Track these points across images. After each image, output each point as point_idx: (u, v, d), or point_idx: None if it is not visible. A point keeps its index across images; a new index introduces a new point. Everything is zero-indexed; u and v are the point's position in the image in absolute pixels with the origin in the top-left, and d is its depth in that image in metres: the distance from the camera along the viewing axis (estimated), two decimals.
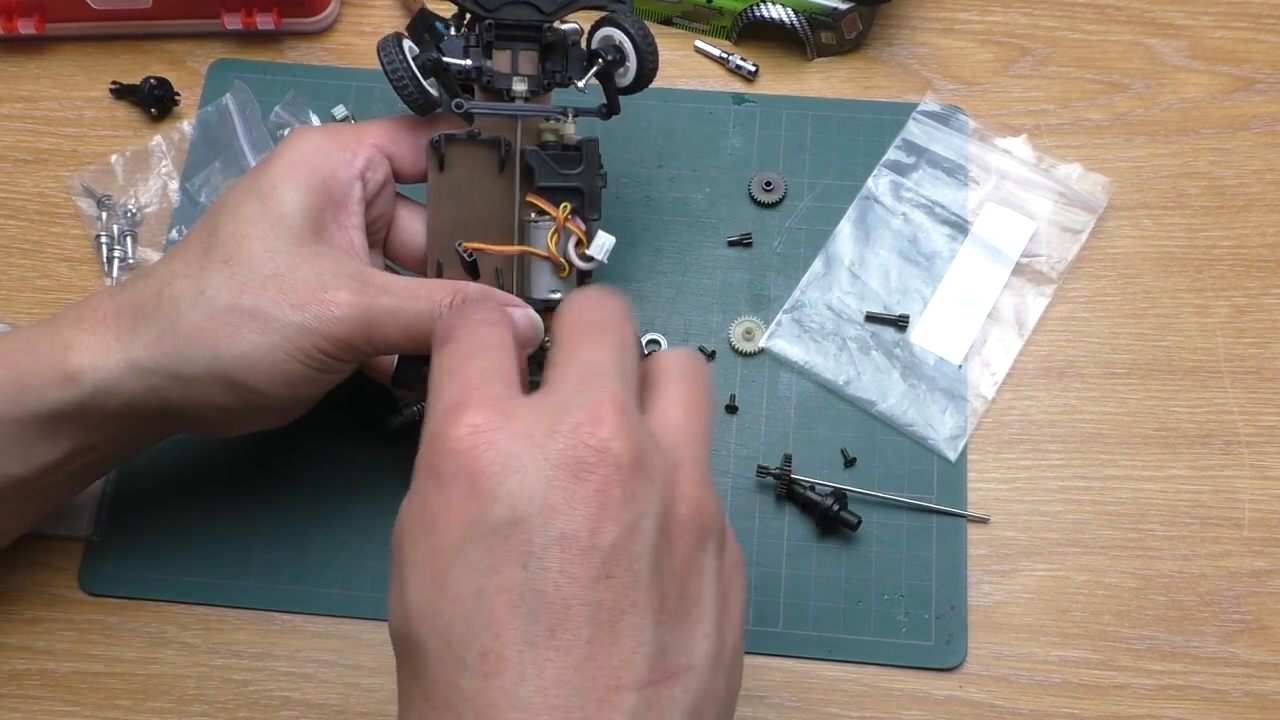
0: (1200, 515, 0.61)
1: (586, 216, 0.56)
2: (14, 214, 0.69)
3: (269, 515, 0.62)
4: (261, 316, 0.50)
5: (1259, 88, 0.71)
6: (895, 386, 0.64)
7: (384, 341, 0.51)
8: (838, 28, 0.70)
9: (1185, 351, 0.65)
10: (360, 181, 0.54)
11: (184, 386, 0.51)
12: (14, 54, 0.73)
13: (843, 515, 0.60)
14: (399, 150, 0.56)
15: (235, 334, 0.50)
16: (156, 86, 0.70)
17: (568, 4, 0.56)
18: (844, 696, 0.58)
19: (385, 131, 0.56)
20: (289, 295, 0.50)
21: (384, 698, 0.59)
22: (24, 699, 0.59)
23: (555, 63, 0.57)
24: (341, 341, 0.50)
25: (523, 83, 0.56)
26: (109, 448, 0.54)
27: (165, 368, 0.50)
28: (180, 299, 0.50)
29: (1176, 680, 0.58)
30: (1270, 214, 0.68)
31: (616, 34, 0.57)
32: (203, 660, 0.59)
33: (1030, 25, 0.73)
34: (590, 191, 0.56)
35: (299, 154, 0.53)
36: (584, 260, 0.55)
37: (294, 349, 0.50)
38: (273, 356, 0.50)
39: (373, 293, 0.51)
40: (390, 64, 0.54)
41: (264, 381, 0.50)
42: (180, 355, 0.50)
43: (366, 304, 0.50)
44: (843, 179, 0.69)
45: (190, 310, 0.50)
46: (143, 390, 0.51)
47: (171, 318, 0.50)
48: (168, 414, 0.52)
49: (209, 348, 0.50)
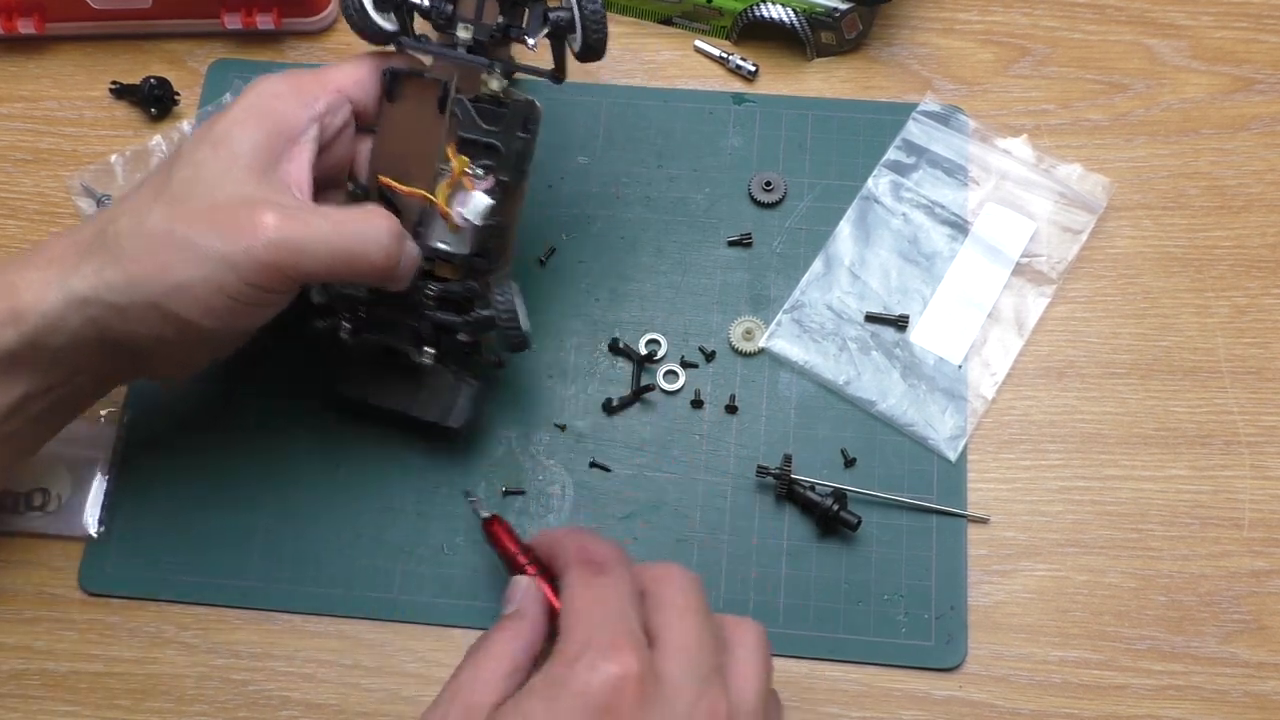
0: (1200, 515, 0.61)
1: (499, 176, 0.55)
2: (14, 214, 0.69)
3: (269, 515, 0.62)
4: (191, 247, 0.50)
5: (1259, 88, 0.71)
6: (895, 386, 0.64)
7: (314, 266, 0.51)
8: (838, 28, 0.70)
9: (1185, 351, 0.65)
10: (318, 124, 0.54)
11: (121, 317, 0.51)
12: (14, 54, 0.73)
13: (843, 515, 0.60)
14: (362, 93, 0.56)
15: (167, 265, 0.50)
16: (156, 86, 0.70)
17: None
18: (844, 696, 0.58)
19: (349, 74, 0.56)
20: (219, 225, 0.50)
21: (383, 698, 0.59)
22: (24, 699, 0.59)
23: (514, 19, 0.56)
24: (268, 267, 0.50)
25: (467, 30, 0.55)
26: (64, 390, 0.54)
27: (103, 298, 0.50)
28: (122, 234, 0.51)
29: (1176, 680, 0.58)
30: (1270, 214, 0.68)
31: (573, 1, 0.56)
32: (202, 660, 0.59)
33: (1030, 25, 0.73)
34: (508, 151, 0.55)
35: (256, 98, 0.54)
36: (462, 220, 0.55)
37: (222, 281, 0.50)
38: (202, 288, 0.50)
39: (303, 217, 0.51)
40: None
41: (195, 312, 0.50)
42: (115, 286, 0.50)
43: (294, 227, 0.50)
44: (843, 179, 0.69)
45: (129, 241, 0.50)
46: (83, 323, 0.51)
47: (113, 251, 0.51)
48: (111, 349, 0.52)
49: (143, 278, 0.50)
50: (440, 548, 0.61)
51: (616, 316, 0.66)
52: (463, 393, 0.59)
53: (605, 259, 0.67)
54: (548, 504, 0.62)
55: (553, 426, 0.63)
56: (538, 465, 0.63)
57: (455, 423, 0.59)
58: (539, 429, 0.63)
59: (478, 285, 0.57)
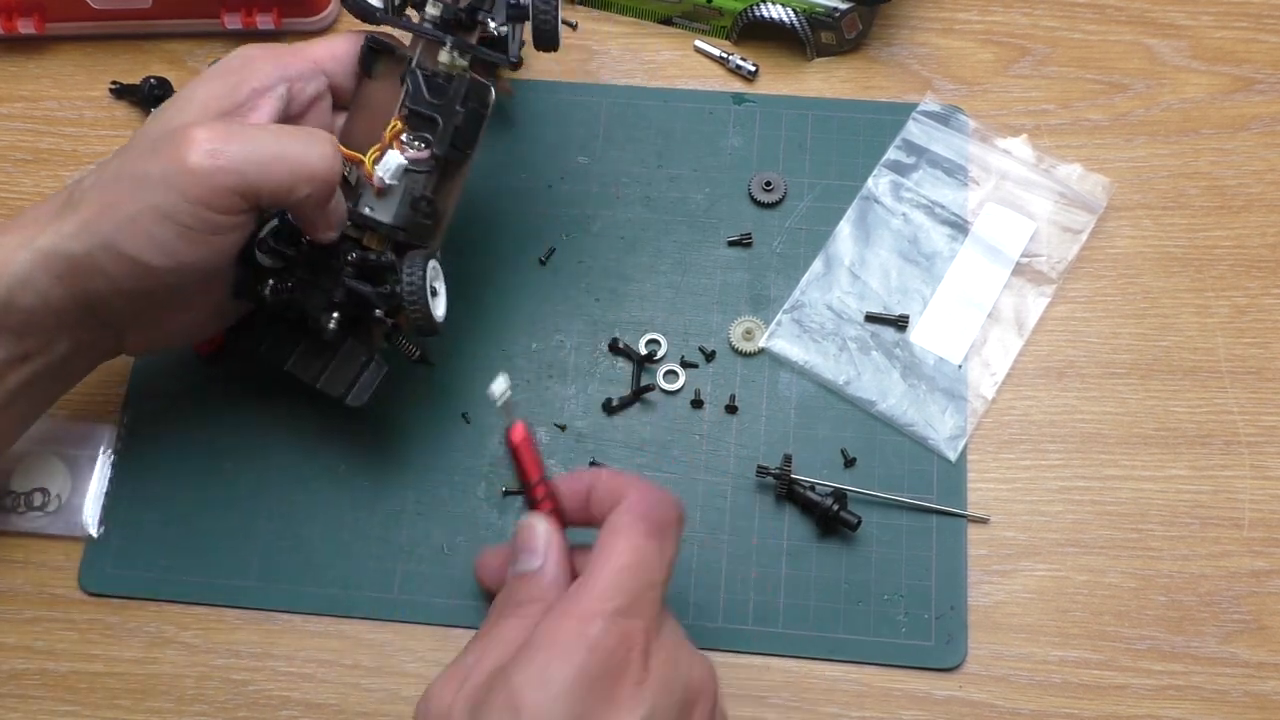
0: (1200, 515, 0.61)
1: (434, 150, 0.55)
2: (14, 214, 0.69)
3: (269, 515, 0.62)
4: (133, 178, 0.50)
5: (1259, 88, 0.71)
6: (895, 386, 0.64)
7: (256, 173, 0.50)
8: (838, 28, 0.70)
9: (1185, 351, 0.65)
10: (286, 85, 0.55)
11: (81, 268, 0.51)
12: (14, 54, 0.73)
13: (843, 515, 0.60)
14: (338, 67, 0.57)
15: (114, 201, 0.50)
16: (156, 86, 0.70)
17: None
18: (844, 696, 0.58)
19: (326, 49, 0.57)
20: (159, 150, 0.50)
21: (383, 698, 0.59)
22: (23, 699, 0.59)
23: (484, 3, 0.57)
24: (209, 182, 0.49)
25: (436, 7, 0.56)
26: (43, 360, 0.54)
27: (61, 249, 0.51)
28: (87, 188, 0.52)
29: (1176, 680, 0.58)
30: (1270, 214, 0.68)
31: None
32: (202, 660, 0.59)
33: (1030, 25, 0.73)
34: (446, 124, 0.55)
35: (228, 60, 0.55)
36: (378, 180, 0.55)
37: (165, 205, 0.49)
38: (149, 217, 0.50)
39: (241, 128, 0.51)
40: None
41: (147, 250, 0.50)
42: (74, 234, 0.51)
43: (231, 134, 0.50)
44: (843, 179, 0.69)
45: (91, 192, 0.51)
46: (50, 281, 0.51)
47: (76, 208, 0.51)
48: (81, 310, 0.52)
49: (94, 219, 0.50)
50: (440, 548, 0.61)
51: (616, 316, 0.66)
52: (366, 374, 0.58)
53: (605, 259, 0.67)
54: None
55: (553, 426, 0.63)
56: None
57: (355, 401, 0.58)
58: (539, 429, 0.63)
59: (395, 259, 0.56)
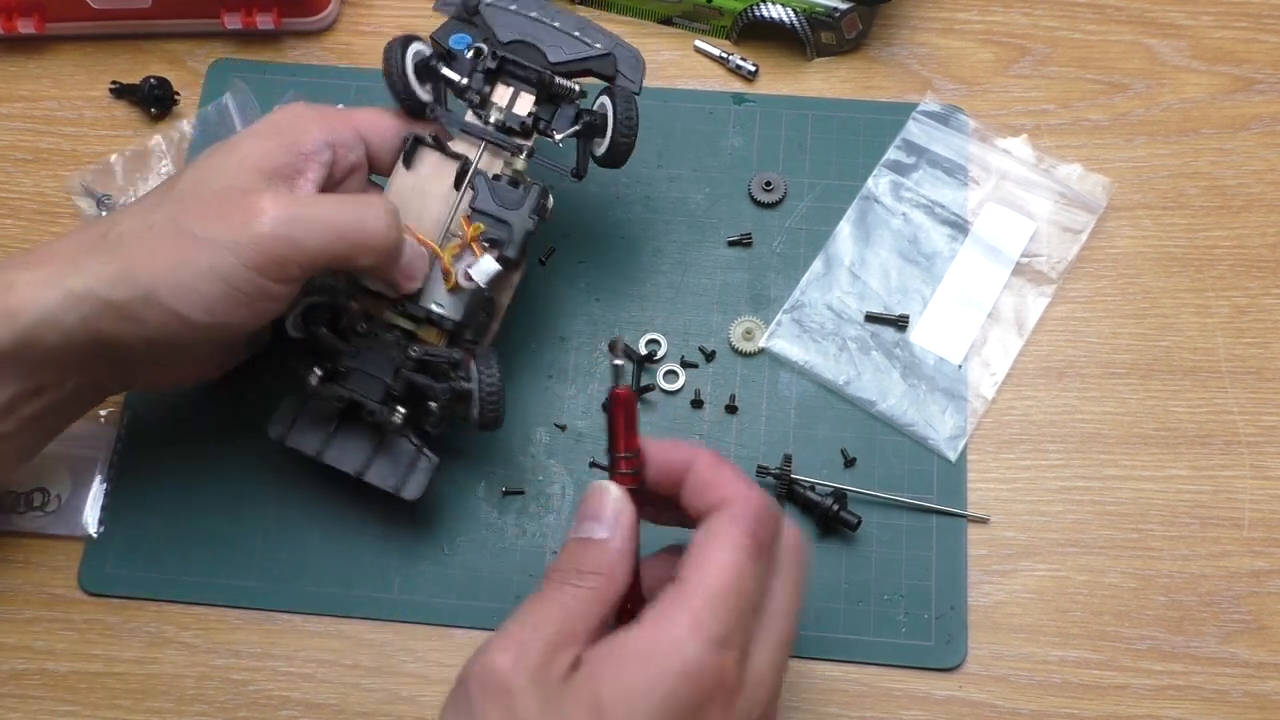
0: (1200, 515, 0.61)
1: (504, 253, 0.56)
2: (14, 213, 0.69)
3: (269, 515, 0.62)
4: (191, 236, 0.50)
5: (1259, 88, 0.71)
6: (895, 386, 0.64)
7: (314, 246, 0.51)
8: (838, 28, 0.70)
9: (1185, 351, 0.65)
10: (330, 148, 0.55)
11: (118, 317, 0.51)
12: (14, 54, 0.73)
13: (843, 515, 0.60)
14: (378, 139, 0.57)
15: (167, 255, 0.50)
16: (156, 86, 0.70)
17: (571, 63, 0.59)
18: (844, 696, 0.58)
19: (369, 119, 0.57)
20: (220, 212, 0.50)
21: (383, 698, 0.59)
22: (24, 699, 0.59)
23: (545, 113, 0.59)
24: (269, 251, 0.50)
25: (501, 114, 0.58)
26: (54, 394, 0.54)
27: (98, 294, 0.50)
28: (126, 234, 0.51)
29: (1176, 680, 0.58)
30: (1270, 214, 0.68)
31: (607, 104, 0.59)
32: (202, 660, 0.59)
33: (1030, 25, 0.73)
34: (516, 230, 0.56)
35: (278, 115, 0.55)
36: (465, 279, 0.56)
37: (221, 267, 0.50)
38: (200, 279, 0.50)
39: (302, 199, 0.52)
40: (387, 60, 0.57)
41: (190, 306, 0.50)
42: (113, 280, 0.50)
43: (290, 207, 0.51)
44: (843, 179, 0.69)
45: (132, 239, 0.51)
46: (78, 322, 0.51)
47: (115, 251, 0.51)
48: (102, 351, 0.52)
49: (142, 270, 0.50)
50: (440, 548, 0.61)
51: (616, 316, 0.66)
52: (420, 466, 0.58)
53: (605, 259, 0.67)
54: (548, 504, 0.62)
55: (553, 426, 0.63)
56: (538, 465, 0.63)
57: (410, 495, 0.58)
58: (538, 428, 0.63)
59: (461, 355, 0.57)
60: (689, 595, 0.43)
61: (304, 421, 0.58)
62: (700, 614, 0.42)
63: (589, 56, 0.59)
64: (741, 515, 0.45)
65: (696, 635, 0.42)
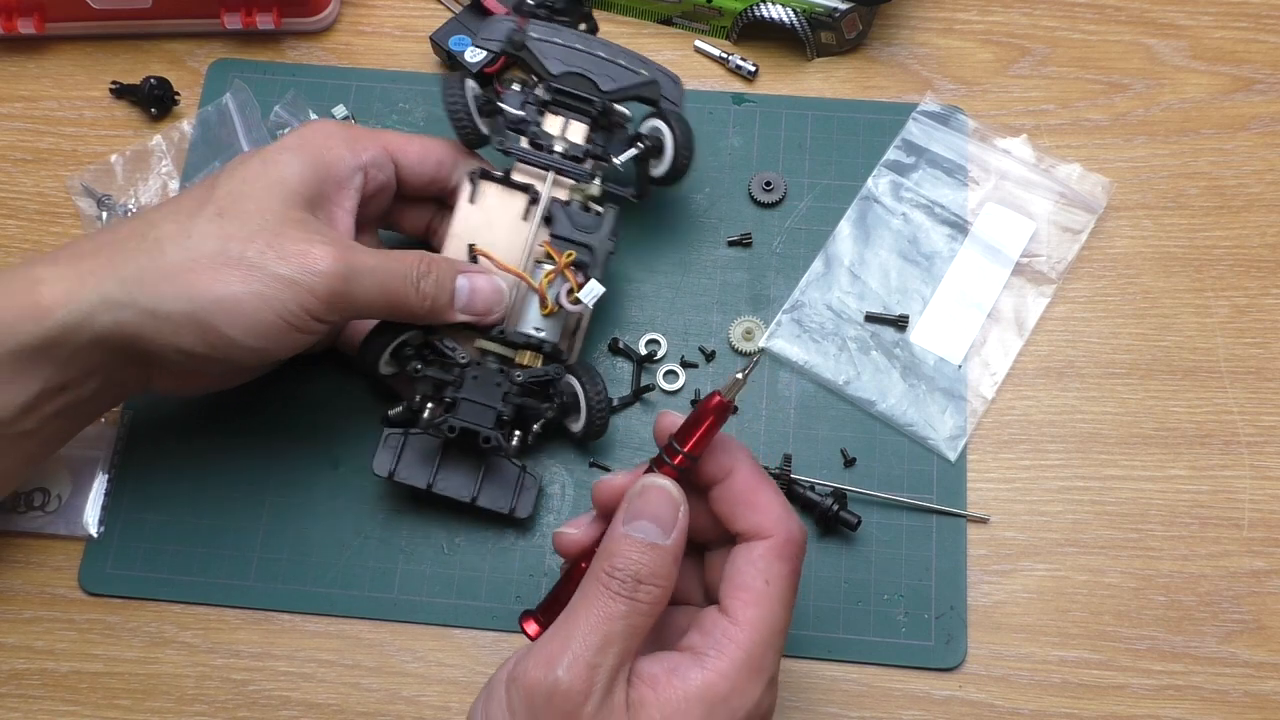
0: (1200, 515, 0.61)
1: (589, 274, 0.58)
2: (14, 214, 0.69)
3: (269, 515, 0.62)
4: (246, 264, 0.51)
5: (1259, 88, 0.71)
6: (895, 386, 0.64)
7: (363, 299, 0.53)
8: (838, 28, 0.70)
9: (1185, 351, 0.65)
10: (362, 172, 0.56)
11: (156, 324, 0.51)
12: (14, 54, 0.73)
13: (843, 515, 0.60)
14: (406, 160, 0.58)
15: (218, 278, 0.51)
16: (156, 86, 0.70)
17: (623, 91, 0.61)
18: (844, 696, 0.58)
19: (397, 141, 0.58)
20: (275, 248, 0.51)
21: (383, 698, 0.59)
22: (24, 699, 0.59)
23: (600, 139, 0.61)
24: (322, 295, 0.52)
25: (562, 144, 0.60)
26: (76, 392, 0.54)
27: (140, 303, 0.51)
28: (165, 239, 0.51)
29: (1176, 680, 0.58)
30: (1270, 214, 0.68)
31: (662, 127, 0.60)
32: (202, 660, 0.59)
33: (1030, 25, 0.73)
34: (599, 253, 0.58)
35: (310, 134, 0.56)
36: (572, 303, 0.57)
37: (275, 299, 0.51)
38: (252, 304, 0.51)
39: (353, 252, 0.53)
40: (450, 98, 0.58)
41: (239, 329, 0.51)
42: (158, 292, 0.51)
43: (348, 259, 0.52)
44: (843, 179, 0.69)
45: (174, 250, 0.51)
46: (112, 325, 0.51)
47: (153, 256, 0.51)
48: (129, 355, 0.53)
49: (188, 287, 0.51)
50: (440, 548, 0.61)
51: (616, 316, 0.66)
52: (527, 485, 0.60)
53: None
54: (548, 504, 0.62)
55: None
56: (538, 465, 0.63)
57: (523, 513, 0.60)
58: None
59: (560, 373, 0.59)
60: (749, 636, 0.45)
61: (409, 456, 0.59)
62: (762, 658, 0.45)
63: (637, 84, 0.62)
64: (787, 553, 0.46)
65: (758, 678, 0.44)
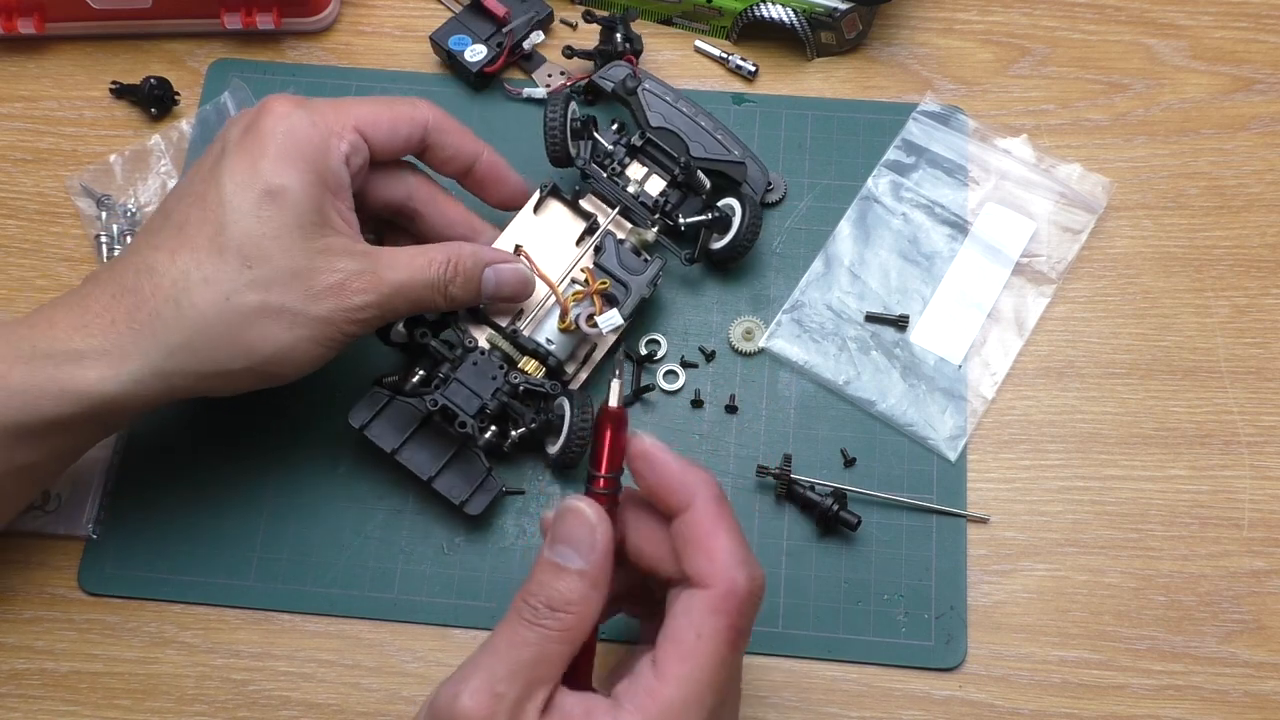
0: (1200, 515, 0.61)
1: (621, 310, 0.59)
2: (14, 214, 0.69)
3: (268, 515, 0.62)
4: (289, 313, 0.53)
5: (1259, 88, 0.71)
6: (895, 386, 0.64)
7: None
8: (838, 28, 0.70)
9: (1185, 351, 0.65)
10: (346, 167, 0.56)
11: (209, 383, 0.53)
12: (14, 54, 0.73)
13: (842, 515, 0.60)
14: (376, 134, 0.58)
15: (267, 333, 0.52)
16: (156, 86, 0.70)
17: (710, 161, 0.64)
18: (844, 696, 0.58)
19: (365, 115, 0.57)
20: (311, 290, 0.53)
21: (384, 698, 0.59)
22: (24, 699, 0.59)
23: (673, 196, 0.64)
24: (359, 322, 0.55)
25: (637, 187, 0.63)
26: (94, 441, 0.56)
27: (194, 370, 0.52)
28: (203, 306, 0.52)
29: (1176, 680, 0.58)
30: (1270, 214, 0.68)
31: (735, 205, 0.63)
32: (202, 660, 0.59)
33: (1030, 25, 0.73)
34: (633, 294, 0.60)
35: (290, 141, 0.54)
36: (590, 326, 0.58)
37: (321, 337, 0.54)
38: (301, 347, 0.53)
39: (382, 272, 0.54)
40: (551, 113, 0.61)
41: (290, 368, 0.54)
42: (212, 359, 0.52)
43: (378, 285, 0.54)
44: (843, 179, 0.69)
45: (218, 317, 0.52)
46: (163, 390, 0.53)
47: (198, 326, 0.52)
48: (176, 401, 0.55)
49: (243, 349, 0.52)
50: (440, 548, 0.61)
51: None
52: (487, 485, 0.60)
53: None
54: (547, 504, 0.62)
55: None
56: (538, 465, 0.63)
57: (473, 510, 0.59)
58: None
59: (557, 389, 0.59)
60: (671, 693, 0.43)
61: (386, 418, 0.59)
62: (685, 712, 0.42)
63: (726, 160, 0.65)
64: (726, 607, 0.43)
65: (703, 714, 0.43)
